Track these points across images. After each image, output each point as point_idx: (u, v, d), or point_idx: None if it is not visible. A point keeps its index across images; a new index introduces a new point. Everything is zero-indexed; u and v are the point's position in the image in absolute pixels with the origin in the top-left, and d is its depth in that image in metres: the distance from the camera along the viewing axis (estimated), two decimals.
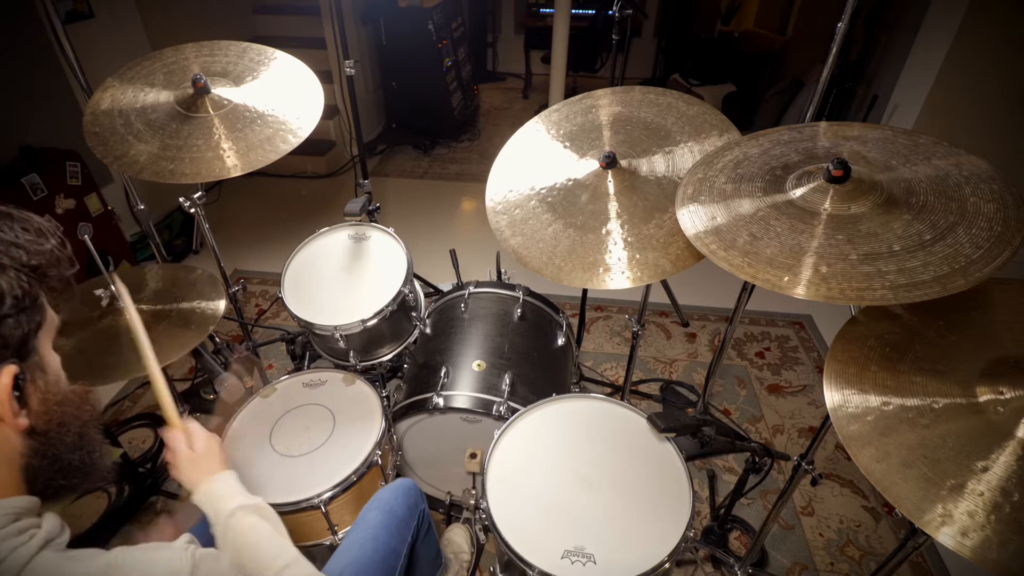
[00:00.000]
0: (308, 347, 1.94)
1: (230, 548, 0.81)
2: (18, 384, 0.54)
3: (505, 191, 1.32)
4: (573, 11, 3.47)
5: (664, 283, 2.41)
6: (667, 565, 1.01)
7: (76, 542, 0.59)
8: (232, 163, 1.31)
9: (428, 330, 1.69)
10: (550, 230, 1.22)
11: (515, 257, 1.22)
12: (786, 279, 0.86)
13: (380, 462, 1.35)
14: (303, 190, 3.76)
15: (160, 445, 1.96)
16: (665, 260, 1.12)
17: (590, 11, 5.11)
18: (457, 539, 1.62)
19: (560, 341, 1.71)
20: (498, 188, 1.34)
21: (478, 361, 1.53)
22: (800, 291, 0.84)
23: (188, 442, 0.90)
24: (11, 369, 0.52)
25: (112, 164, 1.28)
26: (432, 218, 3.56)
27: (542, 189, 1.29)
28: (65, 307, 0.65)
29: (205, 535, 0.80)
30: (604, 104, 1.39)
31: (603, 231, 1.18)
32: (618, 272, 1.13)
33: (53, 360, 0.61)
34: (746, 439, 2.04)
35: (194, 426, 0.93)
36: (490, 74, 5.88)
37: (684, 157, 1.23)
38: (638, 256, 1.14)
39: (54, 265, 0.58)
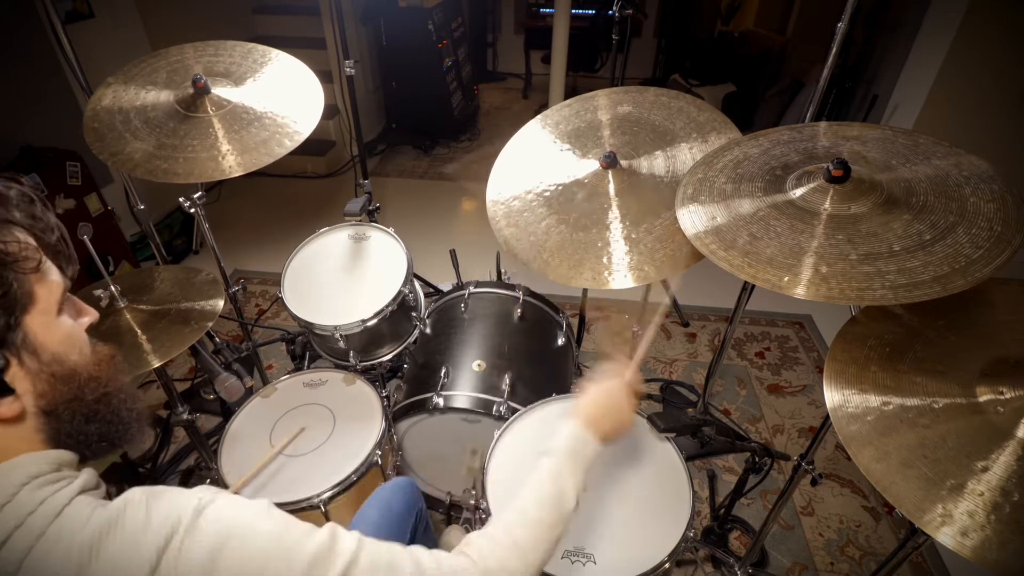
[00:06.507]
0: (308, 347, 1.94)
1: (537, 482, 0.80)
2: None
3: (506, 183, 1.33)
4: (573, 11, 3.47)
5: (664, 283, 2.41)
6: (667, 565, 1.01)
7: None
8: (227, 164, 1.31)
9: (428, 330, 1.69)
10: (543, 224, 1.22)
11: (505, 247, 1.22)
12: (786, 279, 0.86)
13: (380, 462, 1.35)
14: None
15: (160, 445, 1.96)
16: (650, 266, 1.12)
17: (590, 11, 5.10)
18: (453, 542, 1.62)
19: (560, 341, 1.71)
20: (499, 179, 1.35)
21: (478, 361, 1.53)
22: (800, 291, 0.84)
23: (622, 393, 0.92)
24: None
25: (108, 160, 1.28)
26: (432, 218, 3.56)
27: (541, 183, 1.29)
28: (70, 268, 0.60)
29: None
30: (611, 104, 1.39)
31: (595, 230, 1.18)
32: (604, 273, 1.13)
33: (54, 336, 0.56)
34: (746, 439, 2.04)
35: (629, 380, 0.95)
36: (490, 74, 5.88)
37: (686, 162, 1.23)
38: (632, 257, 1.14)
39: (41, 235, 0.55)
